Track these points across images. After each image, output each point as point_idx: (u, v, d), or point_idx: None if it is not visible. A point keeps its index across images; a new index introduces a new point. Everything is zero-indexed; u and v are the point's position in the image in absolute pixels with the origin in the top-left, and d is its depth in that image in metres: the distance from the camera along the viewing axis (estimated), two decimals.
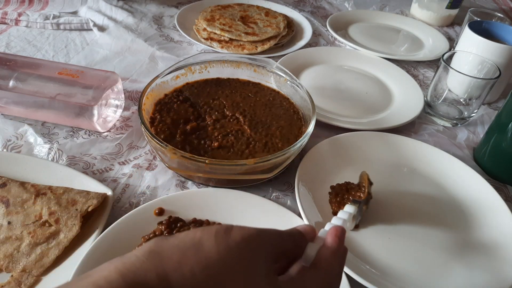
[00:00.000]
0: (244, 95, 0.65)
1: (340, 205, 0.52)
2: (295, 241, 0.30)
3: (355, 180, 0.54)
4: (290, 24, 0.96)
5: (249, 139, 0.57)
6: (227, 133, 0.57)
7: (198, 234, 0.26)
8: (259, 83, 0.68)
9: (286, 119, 0.61)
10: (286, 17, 0.98)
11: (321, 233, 0.32)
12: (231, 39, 0.87)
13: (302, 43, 0.91)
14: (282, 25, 0.92)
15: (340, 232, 0.31)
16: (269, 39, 0.88)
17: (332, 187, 0.54)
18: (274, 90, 0.67)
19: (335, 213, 0.52)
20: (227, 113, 0.61)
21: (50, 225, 0.46)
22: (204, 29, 0.89)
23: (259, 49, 0.86)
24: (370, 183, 0.51)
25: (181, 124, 0.58)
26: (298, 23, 1.00)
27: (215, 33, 0.88)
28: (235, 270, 0.25)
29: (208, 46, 0.87)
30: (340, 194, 0.53)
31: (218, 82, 0.68)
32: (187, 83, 0.66)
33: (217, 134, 0.57)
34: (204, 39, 0.88)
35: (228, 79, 0.69)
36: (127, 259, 0.24)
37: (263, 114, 0.62)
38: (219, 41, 0.87)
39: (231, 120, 0.60)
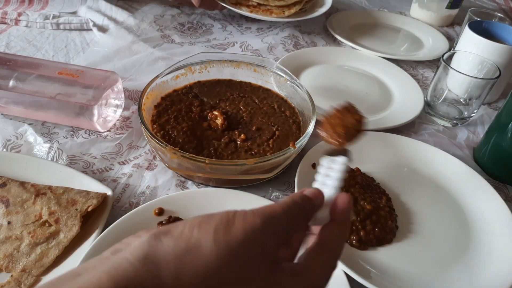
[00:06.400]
0: (249, 100, 0.65)
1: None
2: (305, 216, 0.27)
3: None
4: None
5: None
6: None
7: (195, 233, 0.23)
8: (269, 89, 0.68)
9: (282, 130, 0.60)
10: None
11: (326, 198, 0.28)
12: (259, 4, 0.92)
13: (323, 9, 0.98)
14: None
15: (348, 204, 0.28)
16: (294, 3, 0.93)
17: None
18: (282, 98, 0.67)
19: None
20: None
21: (50, 225, 0.46)
22: None
23: (286, 13, 0.92)
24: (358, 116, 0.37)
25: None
26: None
27: None
28: (237, 275, 0.23)
29: (237, 10, 0.91)
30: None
31: (229, 84, 0.68)
32: (199, 81, 0.67)
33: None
34: (232, 4, 0.92)
35: (240, 82, 0.69)
36: (119, 264, 0.22)
37: (259, 122, 0.61)
38: (248, 6, 0.92)
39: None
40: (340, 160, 0.30)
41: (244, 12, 0.91)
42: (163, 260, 0.22)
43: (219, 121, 0.58)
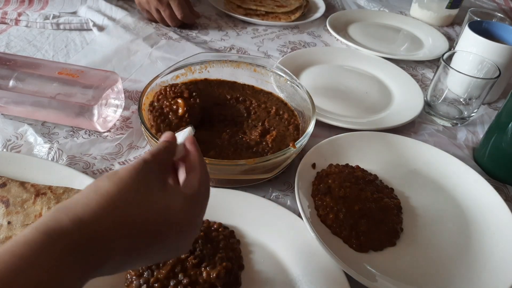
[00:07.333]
0: (249, 103, 0.65)
1: (322, 197, 0.52)
2: (171, 153, 0.36)
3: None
4: None
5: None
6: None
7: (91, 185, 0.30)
8: (271, 93, 0.68)
9: (279, 133, 0.59)
10: None
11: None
12: (267, 12, 1.00)
13: (321, 11, 1.06)
14: None
15: (191, 139, 0.38)
16: (296, 8, 1.02)
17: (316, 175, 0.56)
18: (282, 101, 0.66)
19: (316, 208, 0.52)
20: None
21: None
22: (239, 7, 1.01)
23: (292, 17, 1.00)
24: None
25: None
26: None
27: (250, 9, 1.01)
28: (133, 190, 0.29)
29: (249, 19, 0.98)
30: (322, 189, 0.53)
31: (232, 85, 0.68)
32: (206, 79, 0.67)
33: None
34: (243, 15, 0.99)
35: (243, 84, 0.69)
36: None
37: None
38: (257, 15, 1.00)
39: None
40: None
41: (256, 20, 0.98)
42: (69, 202, 0.28)
43: (180, 111, 0.56)
